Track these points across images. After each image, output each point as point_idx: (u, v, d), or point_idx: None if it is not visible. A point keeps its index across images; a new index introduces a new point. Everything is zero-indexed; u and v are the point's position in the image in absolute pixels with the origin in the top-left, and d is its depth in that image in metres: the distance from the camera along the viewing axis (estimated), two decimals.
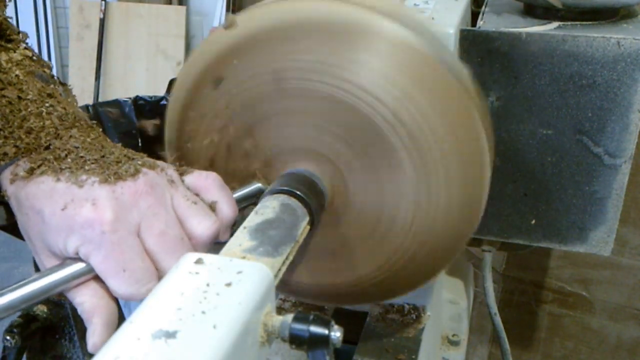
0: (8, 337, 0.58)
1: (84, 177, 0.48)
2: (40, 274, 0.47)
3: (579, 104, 0.76)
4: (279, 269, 0.48)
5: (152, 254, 0.49)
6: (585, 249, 0.84)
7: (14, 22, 0.60)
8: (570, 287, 1.70)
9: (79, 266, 0.48)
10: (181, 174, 0.54)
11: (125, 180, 0.48)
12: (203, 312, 0.38)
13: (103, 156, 0.50)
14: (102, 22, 3.28)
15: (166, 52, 3.30)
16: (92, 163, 0.49)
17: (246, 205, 0.61)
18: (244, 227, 0.51)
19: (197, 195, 0.53)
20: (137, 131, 1.69)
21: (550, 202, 0.82)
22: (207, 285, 0.40)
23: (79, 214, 0.46)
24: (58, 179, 0.48)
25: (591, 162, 0.79)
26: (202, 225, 0.51)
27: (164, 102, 1.71)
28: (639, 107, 0.75)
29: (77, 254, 0.48)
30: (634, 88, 0.74)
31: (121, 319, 0.65)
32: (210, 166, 0.66)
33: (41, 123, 0.51)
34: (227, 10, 3.21)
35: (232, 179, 0.66)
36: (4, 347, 0.58)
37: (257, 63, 0.59)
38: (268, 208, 0.54)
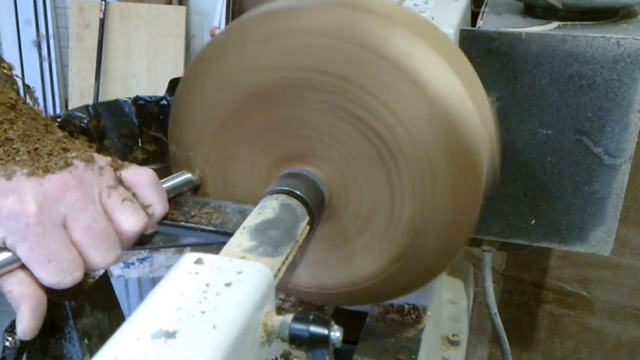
0: (8, 337, 0.58)
1: (14, 168, 0.49)
2: None
3: (579, 104, 0.76)
4: (279, 269, 0.48)
5: (78, 247, 0.50)
6: (585, 249, 0.84)
7: (14, 21, 0.60)
8: (570, 287, 1.70)
9: (5, 255, 0.49)
10: (116, 169, 0.55)
11: (53, 173, 0.49)
12: (203, 312, 0.38)
13: (36, 148, 0.51)
14: (102, 22, 3.28)
15: (166, 52, 3.29)
16: (24, 155, 0.50)
17: (175, 195, 0.61)
18: (244, 227, 0.51)
19: (129, 190, 0.54)
20: (137, 131, 1.69)
21: (550, 202, 0.82)
22: (207, 285, 0.40)
23: (4, 206, 0.47)
24: None
25: (591, 162, 0.79)
26: (129, 222, 0.52)
27: (164, 102, 1.71)
28: (639, 107, 0.75)
29: (4, 244, 0.49)
30: (634, 88, 0.74)
31: (121, 319, 0.65)
32: (210, 166, 0.66)
33: None
34: (227, 10, 3.21)
35: (233, 180, 0.66)
36: (4, 347, 0.58)
37: (257, 63, 0.59)
38: (268, 208, 0.54)
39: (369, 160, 0.60)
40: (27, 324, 0.49)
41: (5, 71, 0.60)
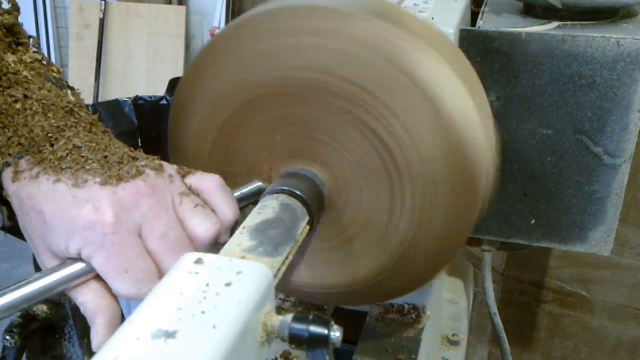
0: (8, 337, 0.58)
1: (85, 177, 0.48)
2: (41, 273, 0.47)
3: (579, 104, 0.76)
4: (279, 269, 0.48)
5: (154, 255, 0.49)
6: (585, 249, 0.84)
7: None
8: (570, 287, 1.70)
9: (80, 266, 0.48)
10: (183, 176, 0.54)
11: (126, 182, 0.49)
12: (203, 312, 0.38)
13: (106, 157, 0.50)
14: (102, 22, 3.28)
15: (166, 52, 3.30)
16: (94, 163, 0.49)
17: (246, 204, 0.61)
18: (244, 227, 0.51)
19: (198, 197, 0.54)
20: (138, 131, 1.69)
21: (550, 202, 0.82)
22: (207, 285, 0.40)
23: (80, 216, 0.47)
24: (59, 180, 0.48)
25: (591, 162, 0.79)
26: (203, 227, 0.52)
27: (164, 102, 1.71)
28: (639, 107, 0.75)
29: (79, 255, 0.48)
30: (634, 88, 0.74)
31: (121, 318, 0.65)
32: (210, 167, 0.66)
33: (46, 122, 0.51)
34: (227, 10, 3.21)
35: (234, 179, 0.66)
36: (4, 347, 0.58)
37: (258, 63, 0.59)
38: (268, 208, 0.54)
39: (374, 171, 0.60)
40: (102, 337, 0.48)
41: (55, 74, 0.59)
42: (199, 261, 0.42)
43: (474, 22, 0.91)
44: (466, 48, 0.77)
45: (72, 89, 0.61)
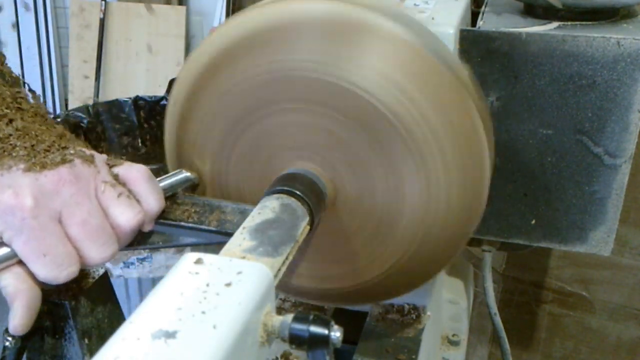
0: (8, 337, 0.58)
1: (10, 163, 0.49)
2: None
3: (579, 104, 0.76)
4: (279, 269, 0.48)
5: (74, 241, 0.50)
6: (585, 249, 0.84)
7: (14, 21, 0.60)
8: (570, 287, 1.69)
9: (2, 250, 0.49)
10: (111, 166, 0.55)
11: (50, 169, 0.50)
12: (203, 312, 0.38)
13: (33, 145, 0.52)
14: (102, 22, 3.28)
15: (166, 52, 3.29)
16: (21, 150, 0.51)
17: (172, 193, 0.61)
18: (244, 227, 0.51)
19: (124, 186, 0.54)
20: (137, 131, 1.69)
21: (550, 202, 0.82)
22: (207, 285, 0.40)
23: (0, 201, 0.48)
24: None
25: (591, 162, 0.79)
26: (125, 216, 0.53)
27: (164, 102, 1.71)
28: (639, 107, 0.75)
29: (1, 239, 0.49)
30: (634, 88, 0.74)
31: (121, 319, 0.65)
32: (211, 165, 0.66)
33: None
34: (227, 10, 3.21)
35: (234, 178, 0.66)
36: (4, 347, 0.58)
37: (254, 63, 0.59)
38: (268, 208, 0.54)
39: (374, 170, 0.60)
40: (19, 320, 0.49)
41: (9, 72, 0.60)
42: (198, 261, 0.42)
43: (474, 22, 0.91)
44: (466, 48, 0.77)
45: (32, 91, 0.62)
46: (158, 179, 0.59)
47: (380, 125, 0.57)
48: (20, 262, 0.50)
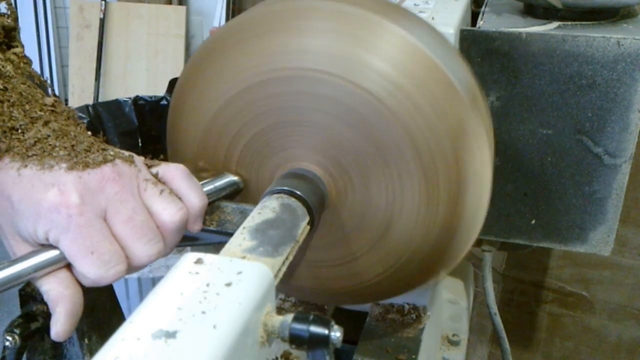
0: (8, 337, 0.58)
1: (51, 162, 0.49)
2: (11, 261, 0.48)
3: (579, 104, 0.76)
4: (279, 269, 0.48)
5: (120, 239, 0.50)
6: (585, 249, 0.84)
7: None
8: (570, 287, 1.70)
9: (50, 254, 0.48)
10: (149, 166, 0.55)
11: (92, 168, 0.50)
12: (203, 312, 0.38)
13: (73, 145, 0.51)
14: (102, 22, 3.28)
15: (166, 52, 3.29)
16: (61, 150, 0.50)
17: (218, 198, 0.61)
18: (244, 227, 0.51)
19: (164, 184, 0.54)
20: (138, 131, 1.69)
21: (550, 202, 0.82)
22: (207, 285, 0.40)
23: (45, 199, 0.47)
24: (26, 166, 0.49)
25: (591, 162, 0.79)
26: (168, 212, 0.52)
27: (164, 102, 1.70)
28: (639, 107, 0.75)
29: (47, 239, 0.48)
30: (634, 88, 0.74)
31: (121, 319, 0.65)
32: (210, 166, 0.66)
33: (22, 112, 0.52)
34: (227, 10, 3.21)
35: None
36: (4, 347, 0.58)
37: (257, 61, 0.59)
38: (268, 208, 0.54)
39: (375, 170, 0.60)
40: (61, 326, 0.48)
41: (37, 77, 0.60)
42: (199, 261, 0.42)
43: (474, 22, 0.91)
44: (466, 48, 0.77)
45: (55, 95, 0.62)
46: (202, 182, 0.58)
47: (385, 131, 0.58)
48: (65, 267, 0.49)
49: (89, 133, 0.55)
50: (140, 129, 1.76)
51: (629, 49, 0.73)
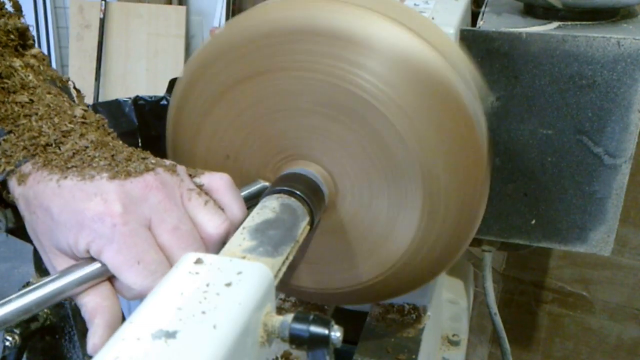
0: (8, 337, 0.58)
1: (92, 173, 0.48)
2: (53, 277, 0.47)
3: (579, 104, 0.76)
4: (279, 269, 0.48)
5: (165, 249, 0.49)
6: (585, 249, 0.84)
7: None
8: (570, 287, 1.70)
9: (92, 267, 0.47)
10: (192, 176, 0.54)
11: (135, 177, 0.49)
12: (203, 312, 0.38)
13: (113, 155, 0.50)
14: (102, 22, 3.28)
15: (166, 52, 3.29)
16: (101, 161, 0.49)
17: (252, 204, 0.61)
18: (244, 227, 0.51)
19: (207, 195, 0.54)
20: (138, 131, 1.69)
21: (550, 202, 0.82)
22: (207, 285, 0.40)
23: (88, 209, 0.46)
24: (66, 177, 0.48)
25: (591, 162, 0.79)
26: (213, 223, 0.51)
27: (164, 102, 1.70)
28: (639, 107, 0.75)
29: (87, 252, 0.47)
30: (634, 88, 0.74)
31: (121, 318, 0.65)
32: (210, 167, 0.66)
33: (51, 125, 0.51)
34: (227, 10, 3.21)
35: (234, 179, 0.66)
36: (4, 347, 0.58)
37: (257, 65, 0.59)
38: (268, 208, 0.54)
39: (374, 169, 0.60)
40: (99, 339, 0.47)
41: (58, 76, 0.60)
42: (198, 261, 0.42)
43: (474, 22, 0.91)
44: (466, 48, 0.77)
45: (77, 90, 0.61)
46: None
47: (382, 133, 0.57)
48: (104, 280, 0.48)
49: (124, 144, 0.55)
50: (140, 129, 1.75)
51: (629, 49, 0.73)
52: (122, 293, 0.49)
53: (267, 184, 0.63)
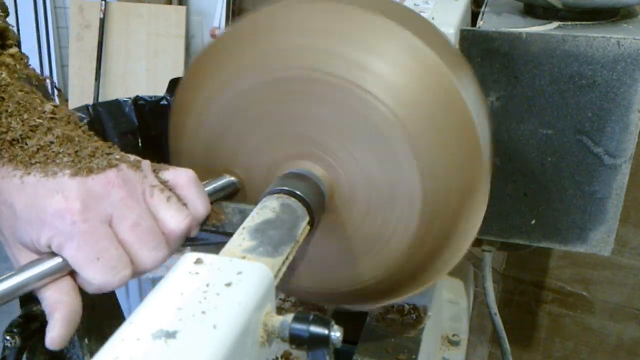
0: (8, 337, 0.58)
1: (55, 169, 0.49)
2: (14, 272, 0.47)
3: (579, 104, 0.76)
4: (279, 269, 0.48)
5: (125, 245, 0.49)
6: (585, 249, 0.84)
7: (14, 22, 0.60)
8: (570, 287, 1.70)
9: (53, 262, 0.48)
10: (157, 171, 0.55)
11: (97, 173, 0.49)
12: (203, 312, 0.38)
13: (77, 151, 0.51)
14: (102, 22, 3.28)
15: (166, 52, 3.29)
16: (65, 157, 0.50)
17: (217, 199, 0.61)
18: (244, 227, 0.51)
19: (171, 190, 0.54)
20: (138, 131, 1.69)
21: (550, 202, 0.82)
22: (207, 285, 0.40)
23: (49, 205, 0.47)
24: (29, 173, 0.49)
25: (591, 162, 0.79)
26: (175, 220, 0.52)
27: (164, 102, 1.70)
28: (639, 107, 0.75)
29: (49, 247, 0.48)
30: (634, 88, 0.74)
31: (121, 319, 0.65)
32: (210, 167, 0.66)
33: (20, 122, 0.52)
34: (227, 10, 3.21)
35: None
36: (4, 347, 0.58)
37: (259, 60, 0.59)
38: (268, 208, 0.54)
39: (366, 158, 0.60)
40: (57, 332, 0.47)
41: (36, 76, 0.60)
42: (198, 261, 0.42)
43: (474, 22, 0.91)
44: (466, 48, 0.77)
45: (59, 90, 0.61)
46: (202, 183, 0.58)
47: (386, 132, 0.57)
48: (65, 275, 0.48)
49: (94, 136, 0.55)
50: (140, 129, 1.76)
51: (629, 49, 0.73)
52: (83, 287, 0.49)
53: (233, 179, 0.64)
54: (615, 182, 0.79)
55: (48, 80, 0.62)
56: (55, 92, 0.61)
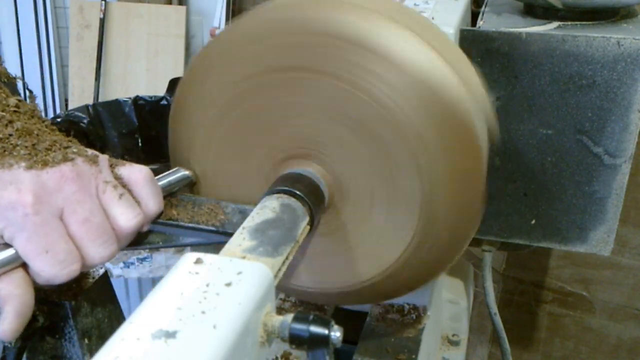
0: None
1: (11, 162, 0.49)
2: None
3: (579, 104, 0.76)
4: (279, 269, 0.48)
5: (75, 239, 0.50)
6: (585, 249, 0.84)
7: (14, 22, 0.61)
8: (570, 287, 1.70)
9: (6, 253, 0.48)
10: (113, 166, 0.55)
11: (51, 167, 0.50)
12: (203, 312, 0.38)
13: (34, 144, 0.52)
14: (102, 22, 3.28)
15: (166, 52, 3.29)
16: (22, 150, 0.51)
17: (171, 192, 0.61)
18: (244, 227, 0.51)
19: (125, 187, 0.55)
20: (138, 131, 1.69)
21: (550, 202, 0.82)
22: (207, 285, 0.40)
23: (2, 197, 0.48)
24: None
25: (591, 162, 0.79)
26: (125, 217, 0.53)
27: (164, 102, 1.70)
28: (639, 107, 0.75)
29: (2, 237, 0.49)
30: (634, 88, 0.74)
31: (121, 319, 0.65)
32: (210, 166, 0.66)
33: None
34: (227, 10, 3.21)
35: (231, 179, 0.66)
36: (4, 347, 0.58)
37: (260, 60, 0.59)
38: (268, 208, 0.54)
39: (374, 169, 0.60)
40: (8, 325, 0.48)
41: (5, 74, 0.60)
42: (198, 261, 0.42)
43: (474, 22, 0.91)
44: (466, 48, 0.77)
45: (30, 91, 0.62)
46: (156, 177, 0.59)
47: (385, 137, 0.57)
48: (18, 267, 0.49)
49: (56, 131, 0.55)
50: (140, 129, 1.76)
51: (629, 49, 0.73)
52: (34, 278, 0.50)
53: (187, 172, 0.64)
54: (615, 182, 0.79)
55: (19, 81, 0.63)
56: (27, 93, 0.61)
